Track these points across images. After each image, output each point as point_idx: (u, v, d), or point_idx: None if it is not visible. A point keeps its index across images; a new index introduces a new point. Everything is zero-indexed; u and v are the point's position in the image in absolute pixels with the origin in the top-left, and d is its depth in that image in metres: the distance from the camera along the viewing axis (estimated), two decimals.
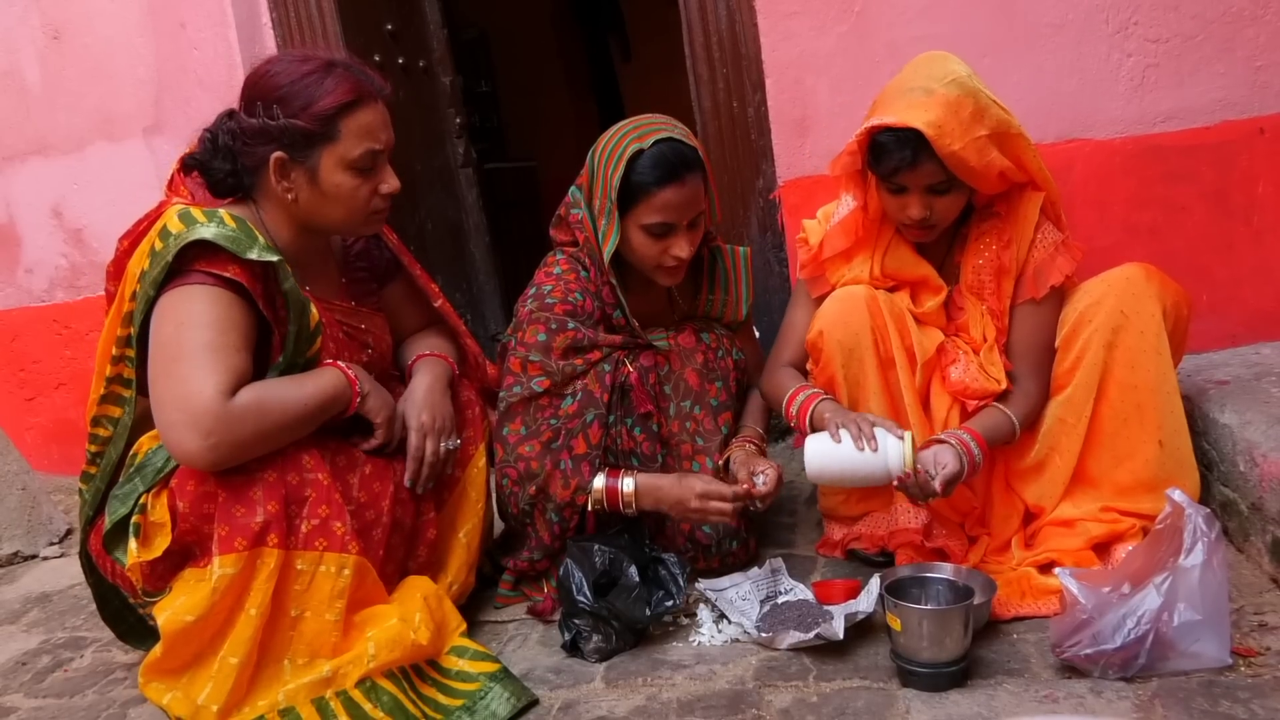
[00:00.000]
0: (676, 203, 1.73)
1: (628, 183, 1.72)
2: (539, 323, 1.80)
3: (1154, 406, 1.68)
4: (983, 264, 1.76)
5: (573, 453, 1.76)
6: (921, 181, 1.67)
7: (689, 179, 1.73)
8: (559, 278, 1.85)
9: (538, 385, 1.78)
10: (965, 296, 1.79)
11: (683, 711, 1.45)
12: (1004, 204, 1.76)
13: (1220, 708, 1.28)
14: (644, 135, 1.74)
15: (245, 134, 1.56)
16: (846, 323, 1.74)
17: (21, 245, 3.03)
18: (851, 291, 1.77)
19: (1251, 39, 2.20)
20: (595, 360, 1.81)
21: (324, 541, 1.49)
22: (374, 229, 1.74)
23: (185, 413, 1.42)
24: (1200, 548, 1.35)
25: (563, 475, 1.75)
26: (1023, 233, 1.74)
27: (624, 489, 1.76)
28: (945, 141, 1.59)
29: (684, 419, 1.88)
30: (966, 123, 1.60)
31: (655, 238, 1.76)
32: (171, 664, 1.45)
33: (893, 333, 1.75)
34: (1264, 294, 2.28)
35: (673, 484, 1.77)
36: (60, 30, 2.86)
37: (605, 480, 1.77)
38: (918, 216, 1.70)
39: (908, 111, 1.61)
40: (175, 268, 1.47)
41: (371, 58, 2.91)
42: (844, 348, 1.74)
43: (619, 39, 5.83)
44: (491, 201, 3.59)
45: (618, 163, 1.73)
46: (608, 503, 1.77)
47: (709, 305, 1.99)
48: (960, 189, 1.70)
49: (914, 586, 1.52)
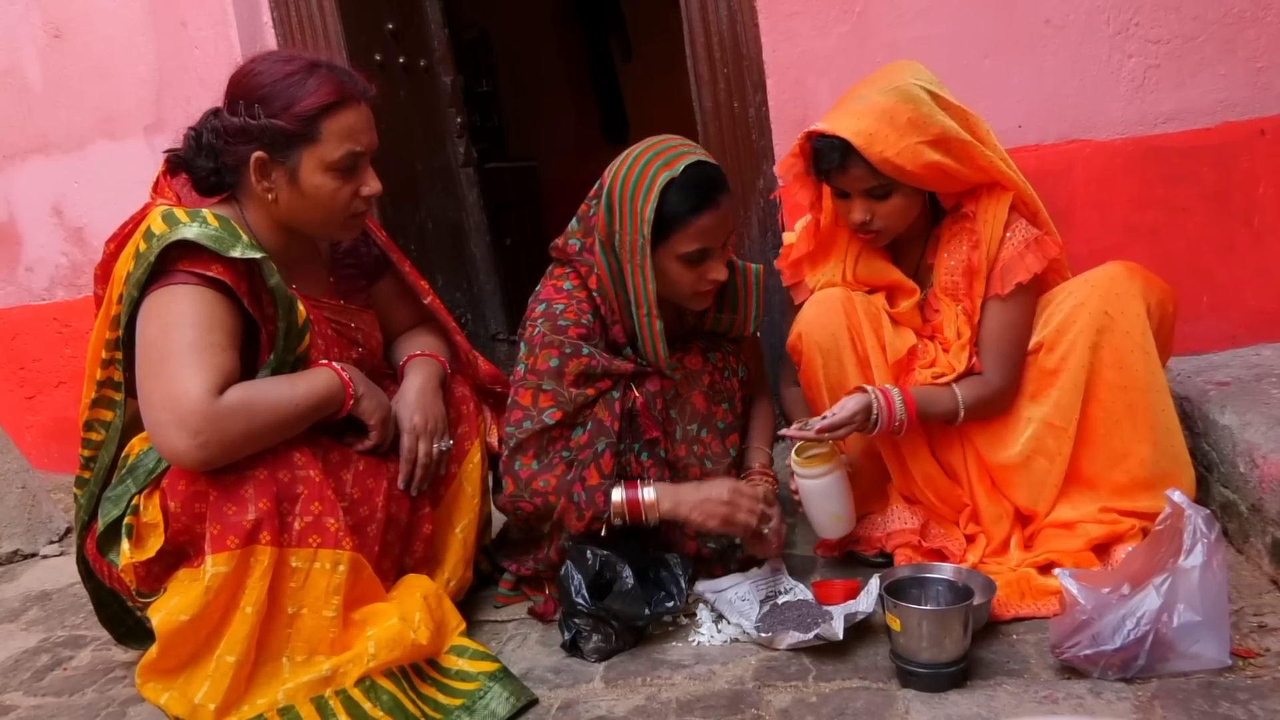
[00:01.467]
0: (713, 227, 1.67)
1: (660, 214, 1.64)
2: (552, 347, 1.72)
3: (1145, 405, 1.68)
4: (954, 265, 1.78)
5: (585, 484, 1.71)
6: (856, 186, 1.72)
7: (724, 201, 1.69)
8: (570, 294, 1.78)
9: (550, 418, 1.71)
10: (940, 298, 1.81)
11: (682, 711, 1.45)
12: (972, 204, 1.77)
13: (1220, 709, 1.28)
14: (670, 162, 1.65)
15: (227, 132, 1.55)
16: (824, 325, 1.78)
17: (22, 243, 3.04)
18: (828, 294, 1.81)
19: (1252, 40, 2.20)
20: (606, 388, 1.75)
21: (318, 538, 1.49)
22: (353, 233, 1.72)
23: (173, 413, 1.42)
24: (1200, 549, 1.35)
25: (577, 508, 1.69)
26: (991, 232, 1.75)
27: (645, 498, 1.70)
28: (876, 149, 1.64)
29: (691, 443, 1.84)
30: (903, 129, 1.64)
31: (691, 265, 1.69)
32: (168, 664, 1.45)
33: (868, 333, 1.78)
34: (1265, 295, 2.28)
35: (694, 487, 1.74)
36: (61, 29, 2.86)
37: (625, 493, 1.71)
38: (858, 220, 1.75)
39: (841, 120, 1.68)
40: (159, 268, 1.47)
41: (372, 57, 2.91)
42: (822, 349, 1.78)
43: (620, 39, 5.83)
44: (492, 201, 3.59)
45: (647, 194, 1.64)
46: (630, 515, 1.71)
47: (716, 323, 1.93)
48: (905, 193, 1.73)
49: (913, 587, 1.52)
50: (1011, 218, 1.75)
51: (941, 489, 1.82)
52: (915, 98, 1.65)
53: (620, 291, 1.76)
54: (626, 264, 1.71)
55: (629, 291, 1.73)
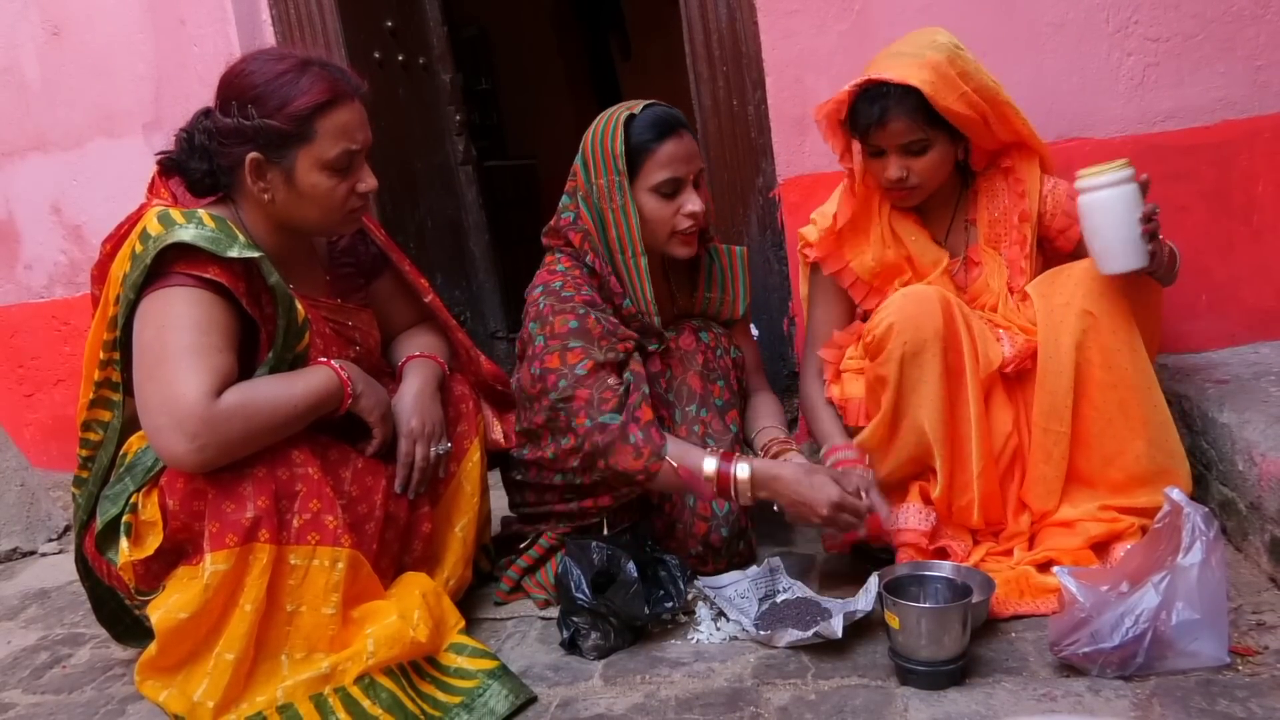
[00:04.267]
0: (680, 154, 1.77)
1: (628, 148, 1.76)
2: (565, 312, 1.74)
3: (1137, 402, 1.67)
4: (1000, 215, 1.82)
5: (640, 422, 1.67)
6: (894, 141, 1.75)
7: (685, 134, 1.80)
8: (565, 274, 1.82)
9: (583, 369, 1.70)
10: (983, 251, 1.84)
11: (681, 709, 1.45)
12: (1008, 159, 1.83)
13: (1218, 706, 1.28)
14: (630, 107, 1.80)
15: (220, 134, 1.54)
16: (918, 325, 1.67)
17: (21, 241, 3.03)
18: (925, 292, 1.71)
19: (1252, 38, 2.19)
20: (628, 352, 1.79)
21: (316, 536, 1.49)
22: (351, 228, 1.73)
23: (171, 416, 1.42)
24: (1199, 547, 1.35)
25: (634, 448, 1.65)
26: (1033, 183, 1.81)
27: (738, 475, 1.64)
28: (942, 95, 1.68)
29: (691, 423, 1.86)
30: (955, 80, 1.70)
31: (666, 198, 1.78)
32: (167, 661, 1.45)
33: (965, 344, 1.70)
34: (1263, 293, 2.28)
35: (797, 479, 1.64)
36: (60, 26, 2.85)
37: (718, 464, 1.65)
38: (894, 176, 1.77)
39: (904, 69, 1.70)
40: (155, 270, 1.47)
41: (371, 54, 2.91)
42: (908, 351, 1.67)
43: (619, 37, 5.83)
44: (491, 199, 3.59)
45: (614, 132, 1.77)
46: (719, 486, 1.65)
47: (705, 303, 1.99)
48: (941, 149, 1.76)
49: (912, 585, 1.52)
50: (1043, 173, 1.82)
51: (991, 511, 1.75)
52: (961, 54, 1.74)
53: (605, 249, 1.82)
54: (608, 210, 1.79)
55: (616, 238, 1.80)
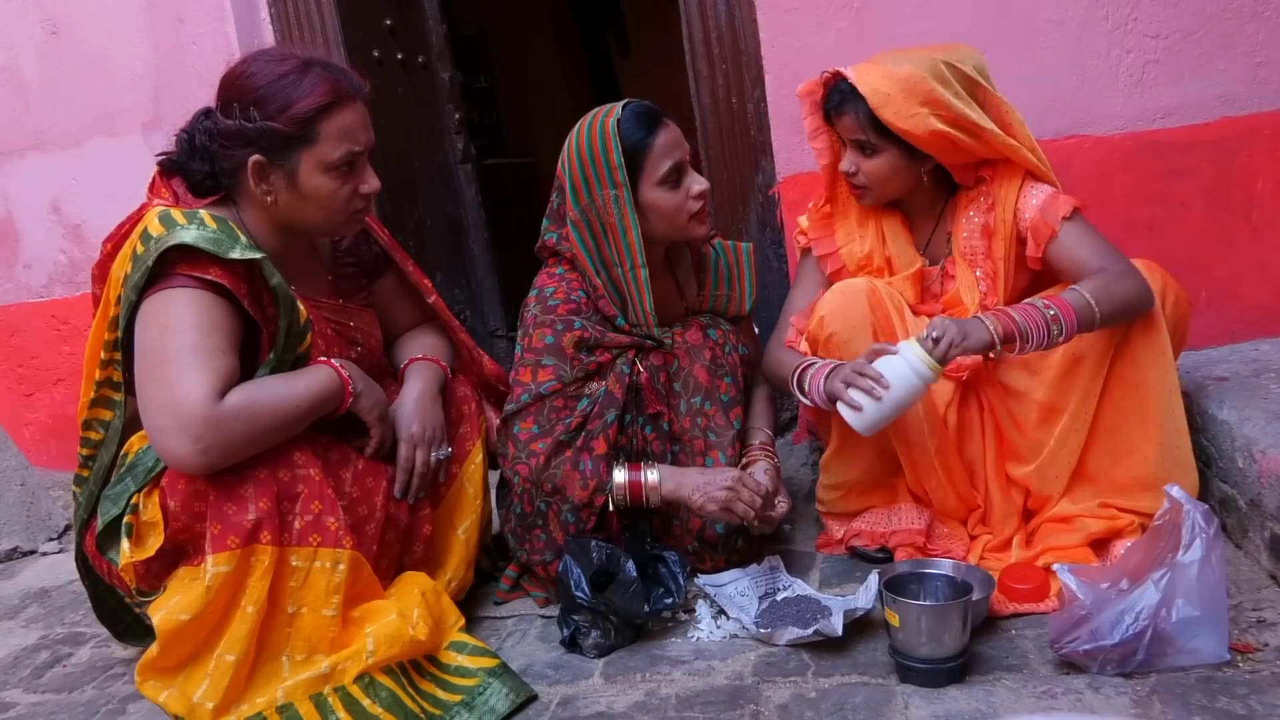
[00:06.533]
0: (673, 140, 1.77)
1: (624, 151, 1.72)
2: (544, 326, 1.77)
3: (1155, 405, 1.67)
4: (972, 228, 1.82)
5: (593, 454, 1.73)
6: (847, 135, 1.81)
7: (668, 121, 1.79)
8: (561, 278, 1.82)
9: (547, 389, 1.74)
10: (957, 264, 1.83)
11: (681, 707, 1.45)
12: (989, 171, 1.82)
13: (1218, 703, 1.28)
14: (608, 114, 1.75)
15: (222, 135, 1.54)
16: (846, 314, 1.76)
17: (20, 241, 3.03)
18: (852, 284, 1.80)
19: (1251, 35, 2.19)
20: (607, 361, 1.78)
21: (318, 537, 1.49)
22: (355, 228, 1.73)
23: (174, 418, 1.41)
24: (1199, 544, 1.35)
25: (582, 476, 1.71)
26: (1006, 194, 1.79)
27: (648, 480, 1.73)
28: (887, 111, 1.70)
29: (695, 415, 1.86)
30: (918, 102, 1.69)
31: (674, 187, 1.77)
32: (168, 662, 1.45)
33: (896, 324, 1.77)
34: (1263, 290, 2.28)
35: (699, 471, 1.75)
36: (58, 25, 2.85)
37: (628, 475, 1.73)
38: (844, 169, 1.83)
39: (869, 74, 1.72)
40: (156, 271, 1.46)
41: (370, 53, 2.91)
42: (840, 339, 1.76)
43: (618, 35, 5.83)
44: (490, 197, 3.59)
45: (605, 142, 1.72)
46: (631, 497, 1.73)
47: (713, 300, 2.00)
48: (892, 159, 1.78)
49: (912, 582, 1.52)
50: (1026, 183, 1.78)
51: (960, 486, 1.81)
52: (943, 79, 1.69)
53: (601, 269, 1.79)
54: (608, 225, 1.76)
55: (614, 253, 1.78)
